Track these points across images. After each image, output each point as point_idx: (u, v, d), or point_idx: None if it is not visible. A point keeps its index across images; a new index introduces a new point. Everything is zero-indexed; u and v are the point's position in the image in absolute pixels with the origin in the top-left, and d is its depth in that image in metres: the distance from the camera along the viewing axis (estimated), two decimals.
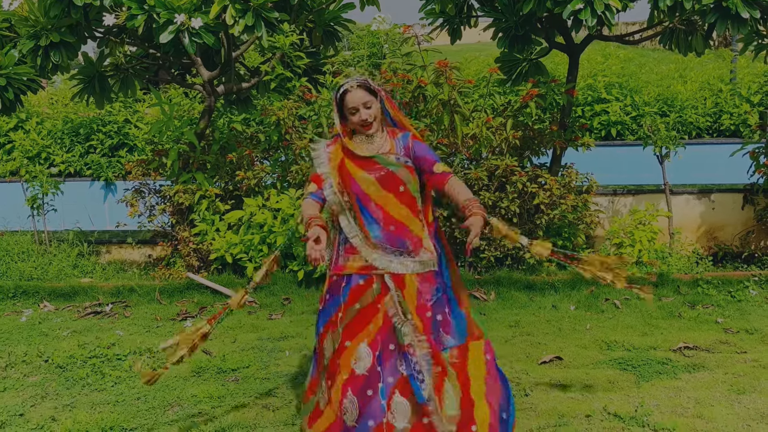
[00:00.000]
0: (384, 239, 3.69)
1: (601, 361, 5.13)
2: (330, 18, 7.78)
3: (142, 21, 6.24)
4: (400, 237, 3.70)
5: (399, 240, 3.70)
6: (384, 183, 3.71)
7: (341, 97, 3.72)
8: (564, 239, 7.42)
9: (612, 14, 5.96)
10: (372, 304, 3.68)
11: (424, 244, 3.72)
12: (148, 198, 8.02)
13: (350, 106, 3.69)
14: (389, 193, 3.71)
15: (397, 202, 3.71)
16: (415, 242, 3.71)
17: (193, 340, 3.96)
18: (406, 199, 3.73)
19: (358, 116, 3.70)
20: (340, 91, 3.72)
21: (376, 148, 3.75)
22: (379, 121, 3.76)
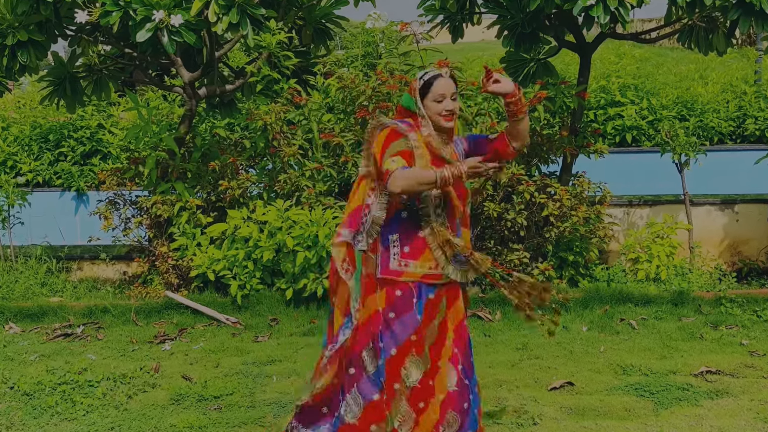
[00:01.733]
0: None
1: (616, 386, 5.13)
2: (321, 15, 7.81)
3: (117, 18, 6.26)
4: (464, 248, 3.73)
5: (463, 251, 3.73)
6: (457, 190, 3.72)
7: (427, 84, 3.69)
8: (575, 254, 7.44)
9: (626, 11, 6.00)
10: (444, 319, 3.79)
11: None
12: (123, 210, 8.01)
13: (439, 92, 3.64)
14: (458, 198, 3.73)
15: (461, 210, 3.75)
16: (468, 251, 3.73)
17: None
18: (464, 207, 3.78)
19: (443, 105, 3.65)
20: (430, 76, 3.69)
21: (449, 150, 3.75)
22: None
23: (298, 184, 7.41)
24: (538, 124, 7.29)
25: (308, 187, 7.36)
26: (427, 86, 3.68)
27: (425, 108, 3.69)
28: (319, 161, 7.55)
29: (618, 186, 8.18)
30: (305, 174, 7.48)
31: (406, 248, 3.71)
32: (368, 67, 9.52)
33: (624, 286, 7.31)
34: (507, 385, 5.17)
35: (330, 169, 7.48)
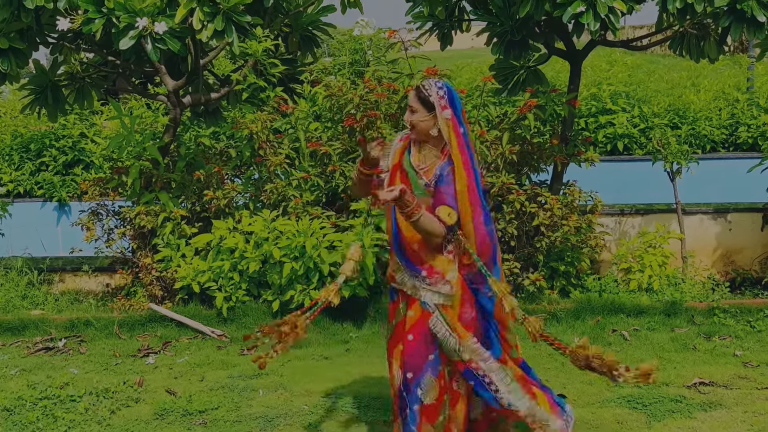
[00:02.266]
0: (401, 256, 3.92)
1: (609, 398, 5.15)
2: (308, 22, 7.82)
3: (99, 25, 6.25)
4: (414, 261, 3.88)
5: (413, 264, 3.88)
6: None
7: None
8: (567, 264, 7.46)
9: (617, 17, 6.03)
10: (400, 322, 3.96)
11: (447, 276, 3.85)
12: (106, 221, 7.99)
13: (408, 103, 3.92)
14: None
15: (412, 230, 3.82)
16: (432, 272, 3.85)
17: (285, 330, 3.99)
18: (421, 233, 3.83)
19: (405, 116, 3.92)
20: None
21: (422, 160, 3.90)
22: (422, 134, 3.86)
23: (285, 194, 7.41)
24: (528, 132, 7.32)
25: (295, 197, 7.36)
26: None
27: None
28: (306, 170, 7.55)
29: (609, 195, 8.21)
30: (292, 183, 7.48)
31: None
32: (356, 74, 9.55)
33: (616, 296, 7.34)
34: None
35: (317, 179, 7.48)
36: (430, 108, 3.82)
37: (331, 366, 6.04)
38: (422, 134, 3.86)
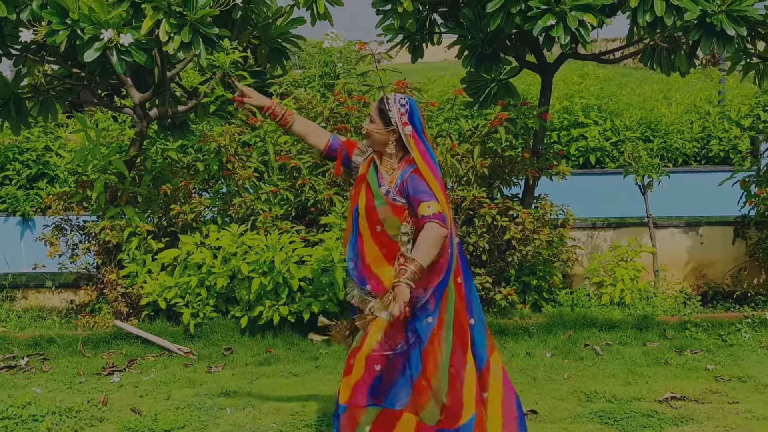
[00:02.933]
0: (352, 270, 3.93)
1: (580, 414, 5.18)
2: (277, 34, 7.83)
3: (64, 37, 6.22)
4: (364, 275, 3.88)
5: (362, 277, 3.89)
6: (367, 215, 3.90)
7: None
8: (539, 278, 7.51)
9: (587, 31, 6.11)
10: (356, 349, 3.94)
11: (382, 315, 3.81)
12: (70, 236, 7.93)
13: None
14: (368, 228, 3.88)
15: (371, 241, 3.86)
16: (377, 285, 3.85)
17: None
18: (384, 239, 3.86)
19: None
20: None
21: (383, 170, 3.94)
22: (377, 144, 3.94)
23: (254, 208, 7.40)
24: (499, 146, 7.37)
25: (264, 211, 7.35)
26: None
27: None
28: (276, 184, 7.55)
29: (581, 208, 8.27)
30: (261, 197, 7.48)
31: None
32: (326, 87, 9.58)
33: (588, 310, 7.39)
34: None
35: (287, 193, 7.48)
36: (387, 122, 3.87)
37: (300, 383, 6.03)
38: (377, 145, 3.94)
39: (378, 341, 3.82)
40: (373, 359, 3.84)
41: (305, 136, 4.22)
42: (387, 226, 3.84)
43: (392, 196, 3.85)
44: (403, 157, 3.92)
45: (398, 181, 3.87)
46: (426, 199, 3.76)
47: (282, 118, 4.19)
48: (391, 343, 3.84)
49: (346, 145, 4.15)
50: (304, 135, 4.22)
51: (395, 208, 3.85)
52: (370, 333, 3.84)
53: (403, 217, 3.85)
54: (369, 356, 3.84)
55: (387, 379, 3.87)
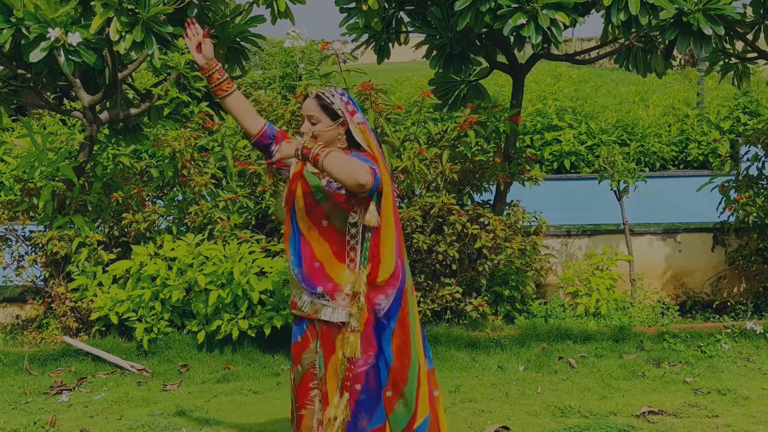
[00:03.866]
0: (300, 275, 3.83)
1: (554, 429, 5.21)
2: (235, 32, 7.82)
3: (8, 36, 6.18)
4: (313, 279, 3.81)
5: (311, 282, 3.81)
6: (309, 212, 3.82)
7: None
8: (511, 288, 7.56)
9: (559, 30, 6.16)
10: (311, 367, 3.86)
11: (345, 289, 3.78)
12: (15, 246, 7.87)
13: (302, 112, 3.86)
14: (313, 225, 3.81)
15: (320, 238, 3.81)
16: (331, 286, 3.80)
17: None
18: (332, 234, 3.81)
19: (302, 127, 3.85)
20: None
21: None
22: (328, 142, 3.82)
23: (211, 217, 7.38)
24: (469, 150, 7.41)
25: (222, 220, 7.34)
26: None
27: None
28: (234, 191, 7.54)
29: (555, 215, 8.35)
30: (218, 205, 7.46)
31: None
32: (287, 89, 9.58)
33: (562, 321, 7.45)
34: None
35: (246, 200, 7.47)
36: (334, 116, 3.83)
37: (261, 401, 6.02)
38: (328, 144, 3.81)
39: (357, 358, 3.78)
40: (352, 379, 3.78)
41: (239, 114, 4.00)
42: (334, 219, 3.78)
43: (335, 186, 3.76)
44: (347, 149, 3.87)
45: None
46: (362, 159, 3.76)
47: (220, 84, 3.98)
48: (366, 356, 3.81)
49: (284, 137, 4.02)
50: (239, 112, 4.01)
51: (338, 197, 3.77)
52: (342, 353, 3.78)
53: (349, 207, 3.77)
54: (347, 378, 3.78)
55: (369, 396, 3.83)
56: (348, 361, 3.76)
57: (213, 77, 3.99)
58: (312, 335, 3.85)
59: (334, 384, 3.80)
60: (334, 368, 3.80)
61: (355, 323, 3.75)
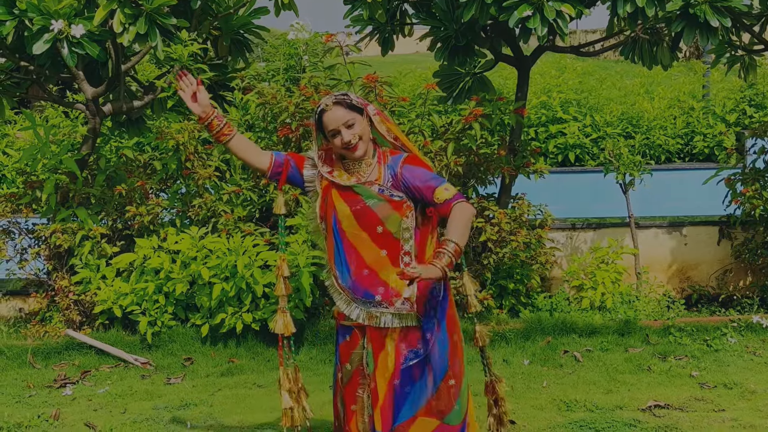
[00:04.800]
0: (351, 285, 3.82)
1: (560, 423, 5.21)
2: (239, 25, 7.82)
3: (11, 28, 6.18)
4: (367, 287, 3.79)
5: (365, 290, 3.80)
6: (359, 219, 3.79)
7: (320, 119, 3.81)
8: (516, 282, 7.54)
9: (565, 22, 6.14)
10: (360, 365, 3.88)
11: (404, 293, 3.77)
12: (18, 239, 7.87)
13: (330, 128, 3.76)
14: (363, 231, 3.78)
15: (372, 244, 3.79)
16: (387, 292, 3.79)
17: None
18: (386, 240, 3.79)
19: (340, 139, 3.76)
20: (318, 110, 3.80)
21: (362, 175, 3.82)
22: (367, 141, 3.81)
23: (215, 210, 7.37)
24: (474, 143, 7.39)
25: (226, 213, 7.33)
26: (321, 122, 3.82)
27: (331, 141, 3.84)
28: (238, 184, 7.52)
29: (560, 208, 8.32)
30: (222, 198, 7.45)
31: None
32: (291, 81, 9.55)
33: (567, 315, 7.44)
34: None
35: (250, 193, 7.46)
36: (360, 111, 3.80)
37: (265, 395, 6.02)
38: (365, 144, 3.80)
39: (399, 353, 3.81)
40: (393, 376, 3.82)
41: (245, 155, 3.96)
42: (389, 225, 3.76)
43: (388, 192, 3.77)
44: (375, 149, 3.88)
45: (388, 175, 3.80)
46: (438, 183, 3.75)
47: (221, 130, 3.90)
48: (410, 348, 3.83)
49: (294, 158, 3.98)
50: (243, 152, 3.96)
51: (393, 203, 3.76)
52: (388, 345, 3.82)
53: (402, 211, 3.76)
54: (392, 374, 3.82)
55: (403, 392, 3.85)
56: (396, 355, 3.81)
57: (213, 124, 3.91)
58: (360, 334, 3.87)
59: (383, 380, 3.82)
60: (383, 365, 3.82)
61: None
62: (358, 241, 3.79)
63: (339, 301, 3.87)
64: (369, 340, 3.84)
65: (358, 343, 3.88)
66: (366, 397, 3.85)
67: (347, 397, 3.93)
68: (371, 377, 3.84)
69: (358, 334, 3.88)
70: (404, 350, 3.83)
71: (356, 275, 3.80)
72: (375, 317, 3.80)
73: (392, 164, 3.82)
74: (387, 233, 3.77)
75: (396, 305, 3.79)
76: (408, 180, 3.77)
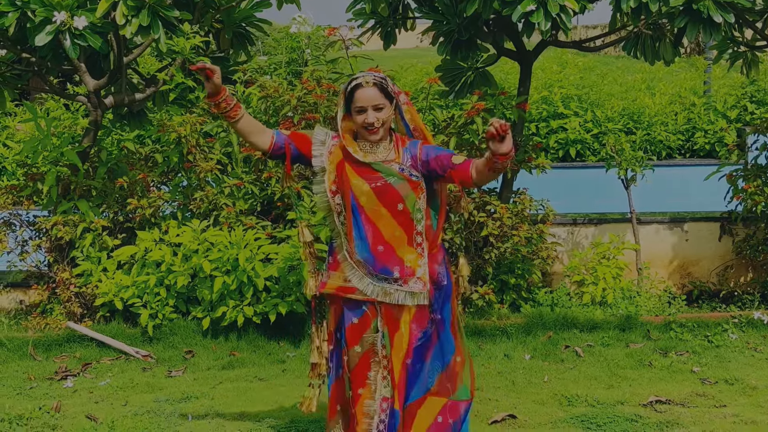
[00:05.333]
0: (369, 260, 3.86)
1: (561, 419, 5.21)
2: (241, 17, 7.81)
3: (13, 19, 6.17)
4: (385, 262, 3.85)
5: (383, 266, 3.86)
6: (380, 196, 3.85)
7: (351, 92, 3.86)
8: (517, 277, 7.54)
9: (568, 17, 6.14)
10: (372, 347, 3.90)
11: (417, 273, 3.87)
12: (19, 231, 7.87)
13: (359, 104, 3.83)
14: (384, 208, 3.84)
15: (392, 221, 3.86)
16: (403, 270, 3.86)
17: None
18: (403, 219, 3.87)
19: (364, 117, 3.83)
20: (352, 85, 3.86)
21: (380, 155, 3.90)
22: (387, 129, 3.91)
23: (216, 203, 7.37)
24: (476, 137, 7.39)
25: (227, 206, 7.32)
26: (351, 95, 3.86)
27: (352, 118, 3.88)
28: (240, 177, 7.52)
29: (561, 204, 8.32)
30: (224, 191, 7.45)
31: (330, 258, 4.00)
32: (293, 74, 9.56)
33: (568, 310, 7.44)
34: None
35: (251, 186, 7.45)
36: (391, 99, 3.89)
37: (266, 388, 6.01)
38: (385, 131, 3.90)
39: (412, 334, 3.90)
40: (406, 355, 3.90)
41: (248, 134, 3.99)
42: (408, 203, 3.85)
43: (407, 171, 3.87)
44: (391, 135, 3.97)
45: (407, 156, 3.90)
46: (453, 152, 3.89)
47: (232, 109, 3.92)
48: (421, 329, 3.93)
49: (294, 139, 4.01)
50: (248, 132, 3.99)
51: (412, 183, 3.86)
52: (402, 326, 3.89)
53: (417, 192, 3.87)
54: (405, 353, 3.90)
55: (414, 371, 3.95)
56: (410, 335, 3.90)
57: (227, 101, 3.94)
58: (372, 314, 3.89)
59: (398, 360, 3.88)
60: (399, 345, 3.88)
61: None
62: (377, 217, 3.85)
63: (352, 276, 3.89)
64: (384, 322, 3.88)
65: (370, 326, 3.89)
66: (380, 379, 3.87)
67: (355, 380, 3.93)
68: (388, 358, 3.88)
69: (370, 315, 3.90)
70: (416, 330, 3.91)
71: (373, 251, 3.86)
72: (389, 294, 3.85)
73: (410, 147, 3.93)
74: (406, 211, 3.86)
75: (409, 284, 3.86)
76: (428, 152, 3.87)
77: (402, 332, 3.88)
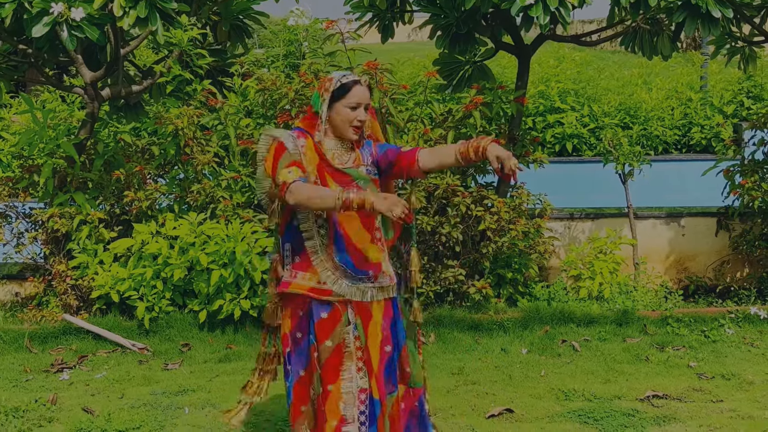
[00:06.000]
0: (349, 263, 3.86)
1: (558, 413, 5.21)
2: (239, 10, 7.79)
3: (10, 10, 6.14)
4: (361, 263, 3.87)
5: (360, 267, 3.86)
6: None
7: (344, 88, 3.84)
8: (514, 271, 7.54)
9: (567, 11, 6.12)
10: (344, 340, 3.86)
11: (383, 267, 3.92)
12: (15, 223, 7.85)
13: (355, 100, 3.83)
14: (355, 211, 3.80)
15: (358, 223, 3.86)
16: (374, 267, 3.90)
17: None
18: (370, 220, 3.89)
19: (356, 115, 3.84)
20: (350, 79, 3.85)
21: (349, 160, 3.93)
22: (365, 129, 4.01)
23: (213, 195, 7.35)
24: (474, 131, 7.38)
25: (224, 199, 7.31)
26: (344, 90, 3.85)
27: (335, 112, 3.86)
28: (237, 170, 7.50)
29: (558, 198, 8.32)
30: (221, 184, 7.43)
31: (297, 258, 3.90)
32: (291, 67, 9.53)
33: (565, 305, 7.44)
34: (442, 413, 5.21)
35: (248, 179, 7.44)
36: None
37: None
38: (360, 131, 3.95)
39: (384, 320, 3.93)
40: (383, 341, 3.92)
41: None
42: None
43: (372, 171, 3.95)
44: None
45: (366, 155, 3.98)
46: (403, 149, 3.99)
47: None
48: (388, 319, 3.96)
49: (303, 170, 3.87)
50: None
51: (375, 182, 3.94)
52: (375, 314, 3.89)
53: (380, 190, 3.94)
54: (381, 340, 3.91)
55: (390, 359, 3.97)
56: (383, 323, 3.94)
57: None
58: (342, 308, 3.85)
59: (375, 349, 3.88)
60: (374, 333, 3.89)
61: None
62: (349, 220, 3.84)
63: (327, 278, 3.83)
64: (356, 314, 3.86)
65: (341, 319, 3.84)
66: (354, 371, 3.83)
67: (326, 375, 3.85)
68: (364, 349, 3.86)
69: (340, 309, 3.85)
70: (387, 320, 3.96)
71: (349, 253, 3.85)
72: (365, 292, 3.87)
73: (366, 147, 4.00)
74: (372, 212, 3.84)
75: (379, 279, 3.91)
76: (381, 148, 3.98)
77: (375, 320, 3.89)
